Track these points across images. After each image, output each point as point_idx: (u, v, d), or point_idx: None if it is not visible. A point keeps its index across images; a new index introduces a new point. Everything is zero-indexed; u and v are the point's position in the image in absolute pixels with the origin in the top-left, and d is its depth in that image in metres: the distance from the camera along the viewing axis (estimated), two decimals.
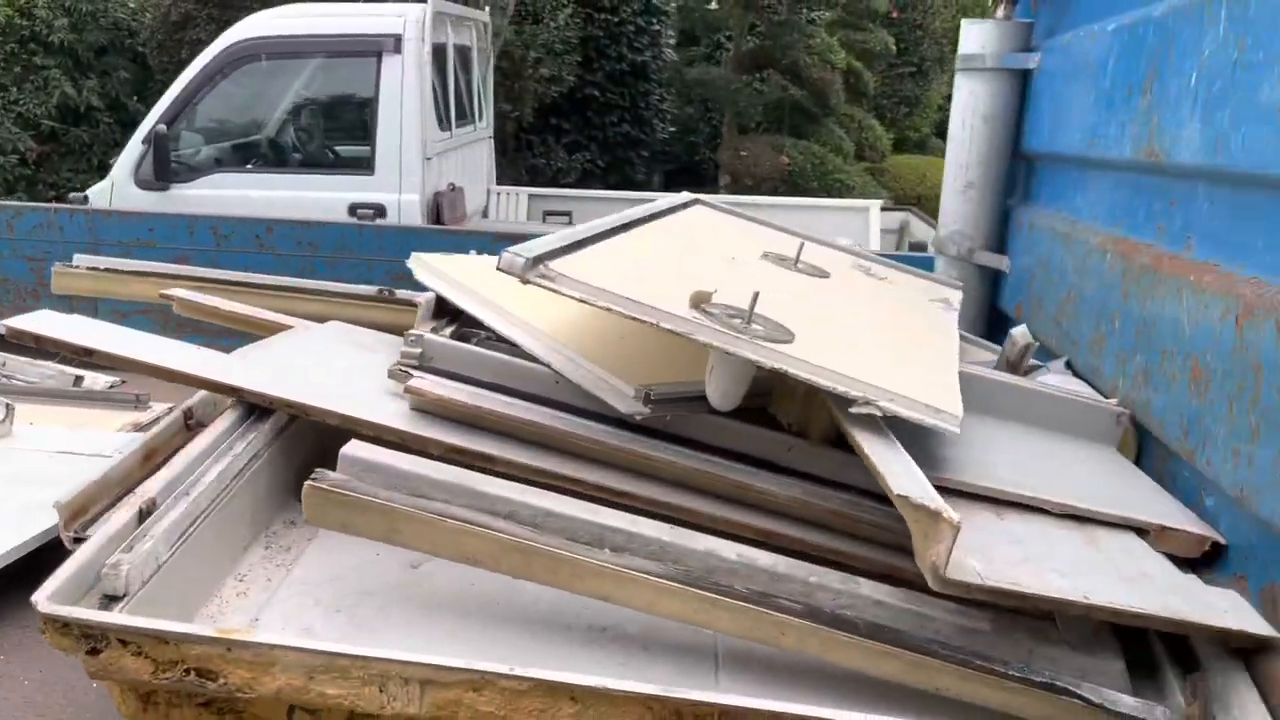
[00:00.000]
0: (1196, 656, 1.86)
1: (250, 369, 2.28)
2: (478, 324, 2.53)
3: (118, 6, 14.28)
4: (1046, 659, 1.84)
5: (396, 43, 7.70)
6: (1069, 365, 2.94)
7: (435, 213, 7.77)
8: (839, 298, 2.64)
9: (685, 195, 3.48)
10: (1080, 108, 3.08)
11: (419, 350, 2.30)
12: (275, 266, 4.57)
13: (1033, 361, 3.05)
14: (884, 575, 2.03)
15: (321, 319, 2.92)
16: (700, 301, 2.08)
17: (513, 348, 2.39)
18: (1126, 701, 1.74)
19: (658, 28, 16.21)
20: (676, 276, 2.33)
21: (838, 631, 1.79)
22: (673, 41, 16.84)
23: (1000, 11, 3.70)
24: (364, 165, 7.82)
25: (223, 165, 7.84)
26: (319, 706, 1.61)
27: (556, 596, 1.97)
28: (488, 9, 10.25)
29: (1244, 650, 1.81)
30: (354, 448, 1.98)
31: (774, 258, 2.84)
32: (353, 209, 7.43)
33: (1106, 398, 2.60)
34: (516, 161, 15.45)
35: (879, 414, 1.92)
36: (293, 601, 1.99)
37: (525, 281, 2.00)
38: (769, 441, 2.27)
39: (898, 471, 1.78)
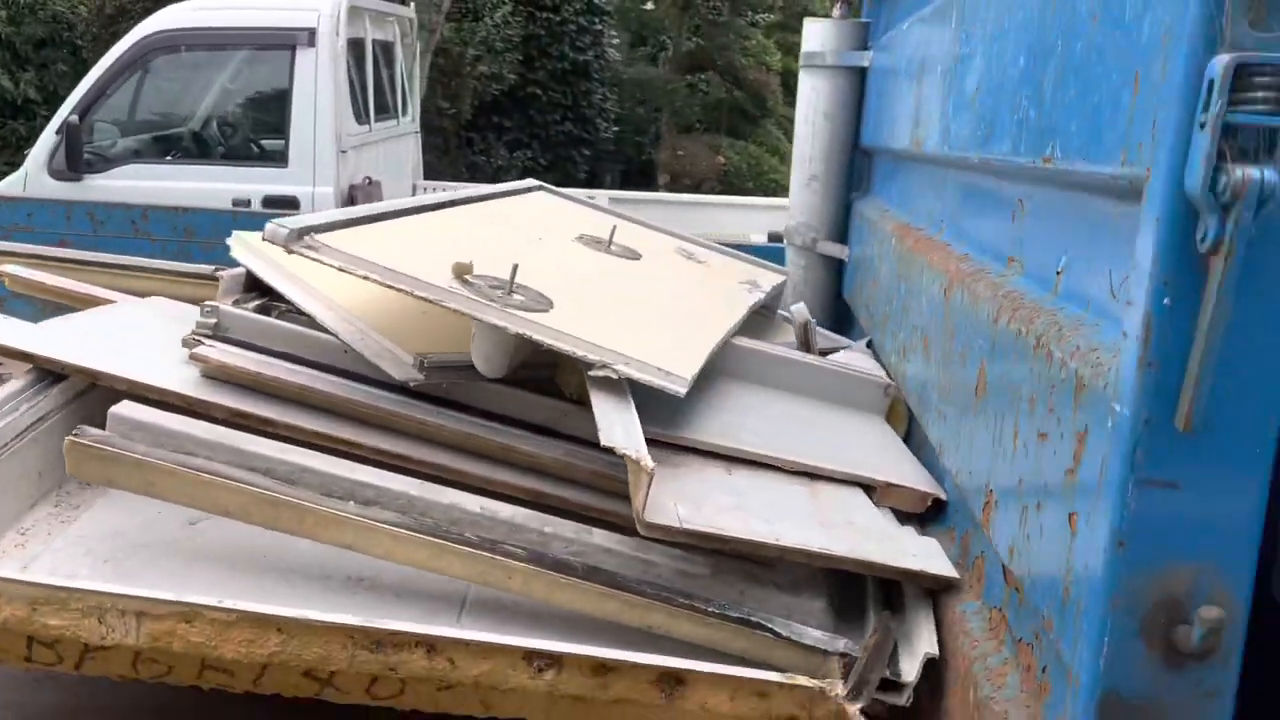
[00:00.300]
0: (903, 598, 2.03)
1: (47, 337, 2.40)
2: (283, 298, 2.65)
3: (56, 0, 14.21)
4: (756, 599, 2.00)
5: (310, 36, 7.75)
6: (870, 345, 3.11)
7: (350, 206, 7.84)
8: (634, 276, 2.79)
9: (529, 181, 3.63)
10: (889, 103, 3.26)
11: (214, 321, 2.42)
12: (151, 251, 4.66)
13: (843, 341, 3.22)
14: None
15: (165, 297, 3.04)
16: (462, 273, 2.22)
17: (311, 319, 2.52)
18: (812, 634, 1.90)
19: (600, 27, 16.33)
20: (467, 253, 2.46)
21: (558, 574, 1.94)
22: (615, 41, 16.97)
23: (836, 11, 3.87)
24: (278, 158, 7.87)
25: (137, 156, 7.87)
26: (47, 638, 1.73)
27: (323, 551, 2.11)
28: (413, 4, 10.32)
29: (935, 591, 1.98)
30: (123, 408, 2.10)
31: (588, 240, 2.99)
32: (266, 201, 7.48)
33: (889, 373, 2.77)
34: (458, 159, 15.52)
35: (615, 376, 2.07)
36: (66, 553, 2.11)
37: (290, 251, 2.13)
38: (546, 408, 2.41)
39: (615, 426, 1.93)
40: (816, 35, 3.91)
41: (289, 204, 7.63)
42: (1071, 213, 1.51)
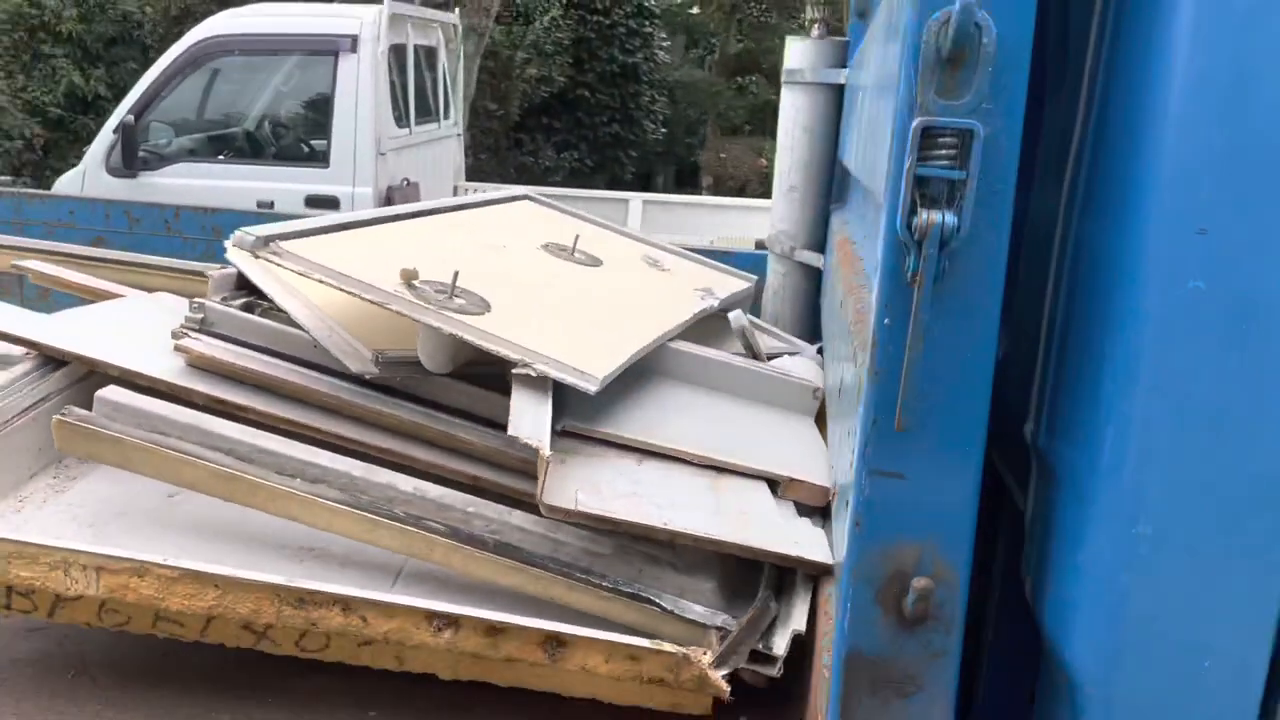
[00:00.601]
0: (794, 582, 2.24)
1: (52, 327, 2.70)
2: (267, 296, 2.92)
3: None
4: (652, 577, 2.22)
5: (353, 43, 8.11)
6: (820, 351, 3.31)
7: (387, 205, 8.19)
8: (587, 282, 3.03)
9: (516, 190, 3.88)
10: (846, 121, 3.45)
11: (201, 316, 2.70)
12: (182, 249, 5.00)
13: (800, 346, 3.42)
14: None
15: (171, 292, 3.34)
16: (409, 278, 2.47)
17: (288, 316, 2.79)
18: (695, 609, 2.12)
19: (650, 30, 16.58)
20: (428, 259, 2.71)
21: (473, 549, 2.18)
22: (666, 44, 17.20)
23: (815, 31, 4.06)
24: (321, 159, 8.25)
25: (187, 155, 8.30)
26: (23, 588, 2.02)
27: (281, 524, 2.37)
28: (457, 11, 10.63)
29: (818, 576, 2.18)
30: (108, 391, 2.39)
31: (553, 248, 3.23)
32: (309, 200, 7.86)
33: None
34: (506, 160, 15.86)
35: (534, 373, 2.30)
36: (56, 517, 2.40)
37: (256, 257, 2.41)
38: (491, 402, 2.64)
39: (525, 417, 2.16)
40: (797, 53, 4.10)
41: (330, 204, 7.99)
42: None
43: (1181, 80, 1.15)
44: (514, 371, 2.32)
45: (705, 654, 1.98)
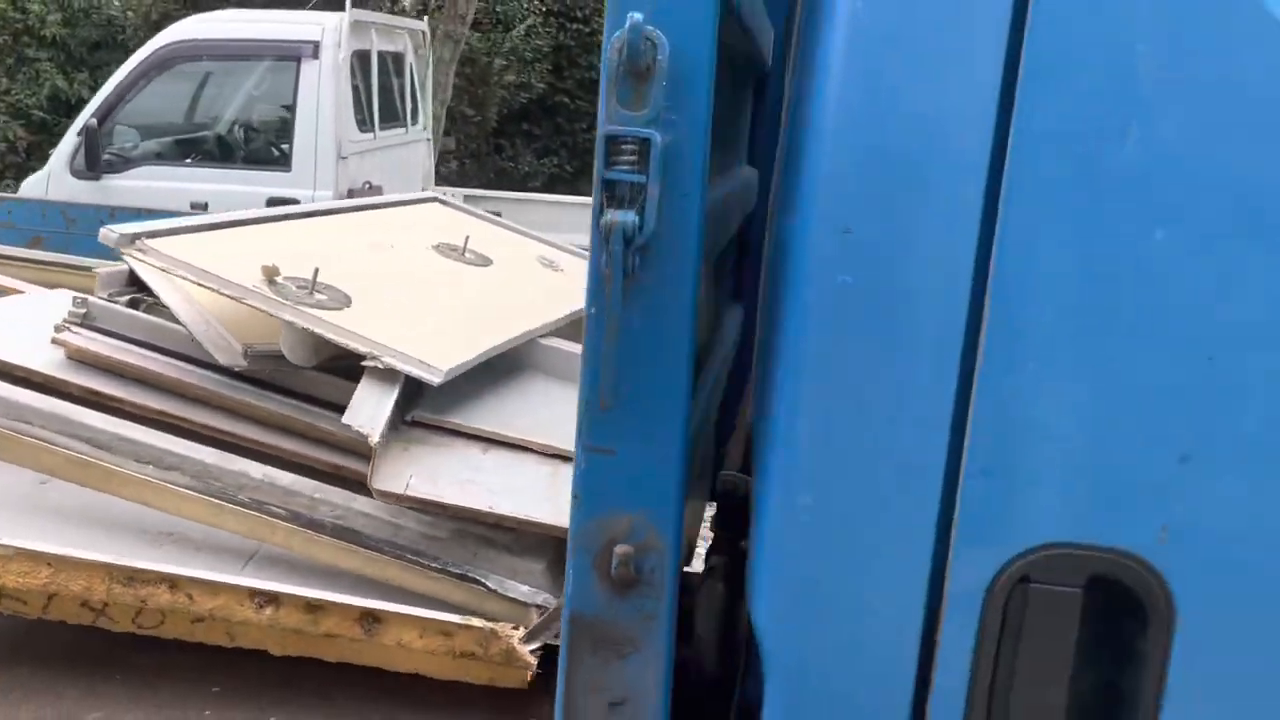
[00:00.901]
0: None
1: None
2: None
3: (108, 4, 15.00)
4: (487, 559, 2.33)
5: (315, 49, 8.25)
6: None
7: None
8: (466, 281, 3.14)
9: (427, 194, 4.00)
10: None
11: (84, 310, 2.81)
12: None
13: None
14: None
15: (83, 290, 3.45)
16: (271, 274, 2.58)
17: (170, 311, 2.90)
18: (518, 589, 2.23)
19: None
20: (309, 258, 2.81)
21: (311, 532, 2.29)
22: None
23: None
24: (283, 162, 8.37)
25: (151, 158, 8.43)
26: None
27: (144, 510, 2.48)
28: (426, 19, 10.76)
29: None
30: None
31: (444, 248, 3.34)
32: (269, 202, 7.98)
33: None
34: (486, 165, 16.00)
35: (380, 366, 2.41)
36: None
37: (123, 253, 2.52)
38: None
39: (364, 407, 2.27)
40: None
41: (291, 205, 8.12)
42: None
43: (835, 92, 1.27)
44: (363, 364, 2.43)
45: (514, 629, 2.09)
